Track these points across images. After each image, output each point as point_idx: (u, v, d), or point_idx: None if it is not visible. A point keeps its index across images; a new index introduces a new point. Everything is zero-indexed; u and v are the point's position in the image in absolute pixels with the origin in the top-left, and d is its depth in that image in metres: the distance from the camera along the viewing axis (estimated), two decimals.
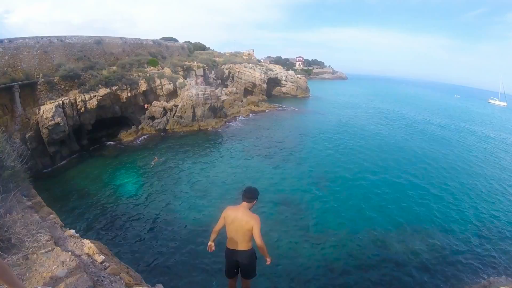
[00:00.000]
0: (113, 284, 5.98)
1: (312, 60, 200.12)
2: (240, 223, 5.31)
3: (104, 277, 6.10)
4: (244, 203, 5.47)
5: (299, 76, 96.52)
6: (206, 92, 46.76)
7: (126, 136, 38.53)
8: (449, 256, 18.62)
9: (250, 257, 5.50)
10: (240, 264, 5.54)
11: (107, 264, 6.86)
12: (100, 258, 6.96)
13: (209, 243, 6.06)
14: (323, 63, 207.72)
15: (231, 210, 5.56)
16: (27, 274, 4.99)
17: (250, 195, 5.46)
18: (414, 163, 34.95)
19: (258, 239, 5.32)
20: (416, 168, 33.33)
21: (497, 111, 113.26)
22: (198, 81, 54.30)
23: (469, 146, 46.02)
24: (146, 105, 42.81)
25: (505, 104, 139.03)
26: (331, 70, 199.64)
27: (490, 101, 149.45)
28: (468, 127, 63.51)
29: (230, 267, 5.66)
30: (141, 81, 41.27)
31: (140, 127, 41.23)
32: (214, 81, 67.67)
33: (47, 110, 28.50)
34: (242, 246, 5.40)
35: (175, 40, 75.97)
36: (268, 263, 5.71)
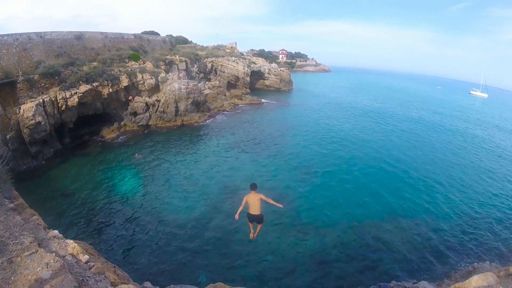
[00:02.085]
0: (98, 283, 6.25)
1: (295, 52, 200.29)
2: (254, 198, 9.62)
3: (89, 276, 6.36)
4: (252, 192, 9.67)
5: (282, 69, 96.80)
6: (189, 86, 46.74)
7: (108, 133, 38.31)
8: (434, 244, 19.59)
9: (261, 218, 10.01)
10: (256, 220, 10.07)
11: (92, 264, 7.12)
12: (84, 258, 7.20)
13: (236, 215, 9.74)
14: (306, 55, 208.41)
15: (248, 195, 9.67)
16: (12, 278, 5.15)
17: (255, 187, 9.72)
18: (395, 154, 36.18)
19: (268, 199, 9.74)
20: (398, 159, 34.62)
21: (478, 102, 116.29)
22: (181, 75, 54.03)
23: (445, 137, 47.43)
24: (130, 97, 42.57)
25: (486, 95, 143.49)
26: (314, 63, 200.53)
27: (472, 92, 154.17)
28: (443, 119, 65.18)
29: (250, 220, 10.08)
30: (123, 77, 40.99)
31: (122, 123, 41.04)
32: (197, 75, 67.43)
33: (28, 109, 28.13)
34: (257, 211, 9.69)
35: (157, 33, 75.04)
36: (281, 206, 10.44)
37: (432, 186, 28.03)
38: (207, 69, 73.21)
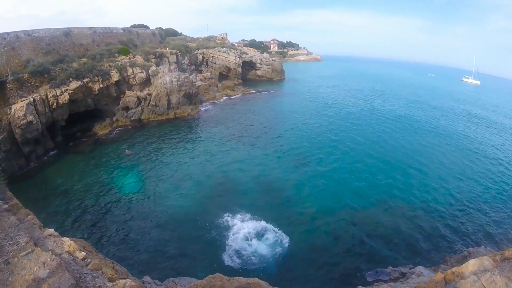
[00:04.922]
0: (96, 279, 6.43)
1: (286, 42, 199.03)
2: None
3: (86, 273, 6.51)
4: None
5: (274, 58, 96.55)
6: (180, 79, 46.69)
7: (101, 129, 38.29)
8: (429, 229, 20.16)
9: None
10: None
11: (89, 260, 7.27)
12: (81, 255, 7.34)
13: None
14: (298, 44, 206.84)
15: None
16: (10, 279, 5.31)
17: None
18: (386, 143, 36.71)
19: None
20: (393, 147, 35.32)
21: (470, 89, 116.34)
22: (172, 68, 53.86)
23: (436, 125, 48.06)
24: (126, 90, 42.61)
25: (478, 82, 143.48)
26: (306, 52, 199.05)
27: (464, 79, 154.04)
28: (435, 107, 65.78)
29: None
30: (113, 71, 40.76)
31: (114, 119, 40.99)
32: (188, 67, 67.18)
33: (19, 109, 27.99)
34: None
35: (146, 27, 74.36)
36: None
37: (425, 174, 28.69)
38: (198, 61, 72.87)
